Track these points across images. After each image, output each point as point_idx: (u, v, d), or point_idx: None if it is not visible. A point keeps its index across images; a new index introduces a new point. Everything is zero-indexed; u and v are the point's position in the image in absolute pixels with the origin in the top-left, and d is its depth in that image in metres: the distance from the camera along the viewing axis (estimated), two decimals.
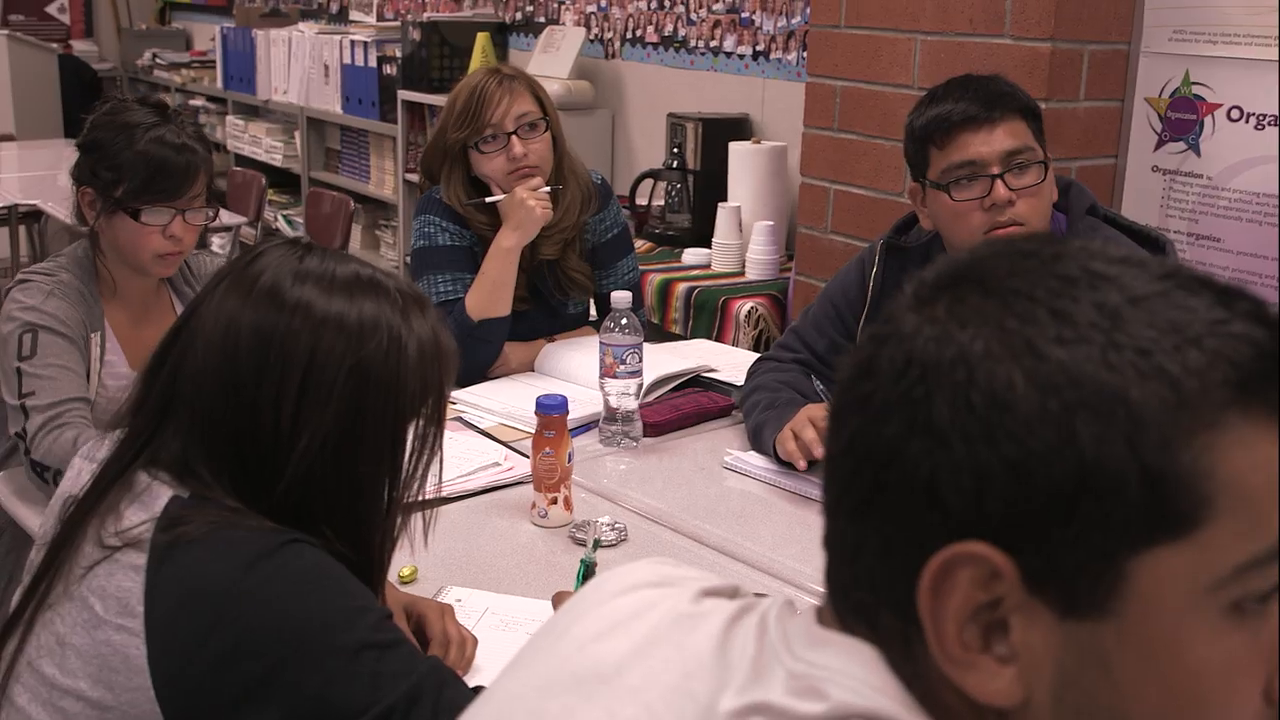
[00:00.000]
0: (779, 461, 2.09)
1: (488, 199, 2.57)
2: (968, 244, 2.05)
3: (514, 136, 2.52)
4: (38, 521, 1.94)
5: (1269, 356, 0.62)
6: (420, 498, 1.33)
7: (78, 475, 1.30)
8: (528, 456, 2.07)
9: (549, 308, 2.69)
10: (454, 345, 1.32)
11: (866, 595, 0.69)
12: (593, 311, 2.85)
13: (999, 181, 1.99)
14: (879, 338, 0.68)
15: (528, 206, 2.50)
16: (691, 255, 3.84)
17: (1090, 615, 0.62)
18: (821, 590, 0.74)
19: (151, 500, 1.19)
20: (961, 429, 0.62)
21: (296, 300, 1.21)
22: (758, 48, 4.09)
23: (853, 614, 0.70)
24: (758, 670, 0.69)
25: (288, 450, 1.19)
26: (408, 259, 2.85)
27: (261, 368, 1.19)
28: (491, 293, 2.52)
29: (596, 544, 1.80)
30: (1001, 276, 0.66)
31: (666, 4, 4.45)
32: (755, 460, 2.15)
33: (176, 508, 1.17)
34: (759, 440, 2.16)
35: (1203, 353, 0.61)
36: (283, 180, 6.42)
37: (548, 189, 2.56)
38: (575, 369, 2.53)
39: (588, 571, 1.66)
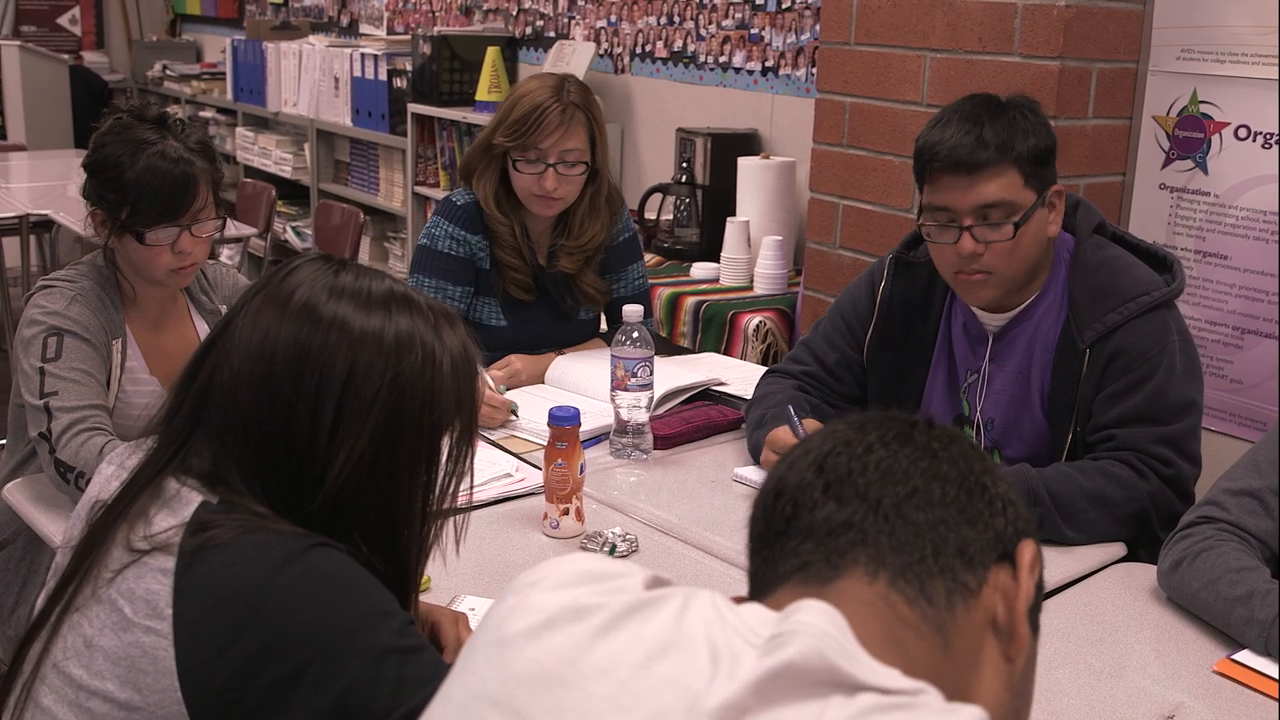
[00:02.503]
0: None
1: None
2: (945, 275, 2.08)
3: (552, 169, 2.55)
4: (53, 527, 1.97)
5: None
6: (453, 509, 1.34)
7: (106, 481, 1.31)
8: (539, 468, 2.09)
9: (559, 311, 2.72)
10: (480, 357, 1.34)
11: (926, 568, 0.84)
12: (603, 324, 2.87)
13: (967, 233, 2.00)
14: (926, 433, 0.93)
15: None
16: (700, 269, 3.85)
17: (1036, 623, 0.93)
18: None
19: (181, 506, 1.20)
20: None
21: (333, 316, 1.23)
22: (767, 64, 4.12)
23: (899, 583, 0.84)
24: (733, 656, 0.75)
25: (324, 464, 1.21)
26: None
27: (298, 383, 1.21)
28: None
29: (613, 551, 1.82)
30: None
31: (676, 19, 4.48)
32: (762, 476, 2.16)
33: (205, 513, 1.18)
34: (756, 455, 2.19)
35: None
36: (292, 192, 6.45)
37: (509, 396, 2.42)
38: (586, 381, 2.54)
39: None
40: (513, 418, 2.39)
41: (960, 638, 0.84)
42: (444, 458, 1.30)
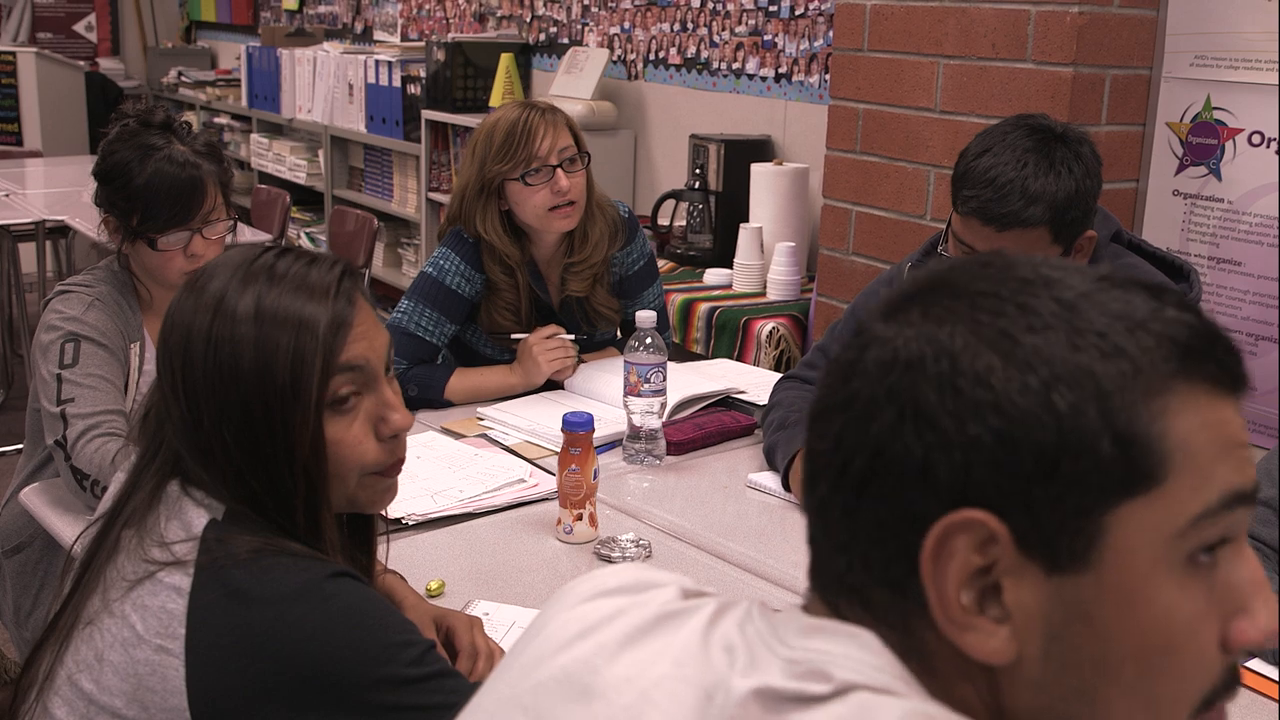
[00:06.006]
0: (788, 489, 2.11)
1: (513, 335, 2.59)
2: None
3: (559, 170, 2.49)
4: (70, 531, 1.97)
5: (1203, 335, 0.72)
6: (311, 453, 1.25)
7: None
8: (552, 474, 2.09)
9: (576, 340, 2.70)
10: (313, 312, 1.23)
11: (860, 578, 0.74)
12: (618, 334, 2.86)
13: None
14: (859, 345, 0.75)
15: (535, 362, 2.54)
16: (713, 275, 3.86)
17: (1072, 570, 0.70)
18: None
19: (187, 518, 1.20)
20: (950, 410, 0.70)
21: (189, 283, 1.26)
22: (780, 70, 4.12)
23: (846, 599, 0.75)
24: (751, 660, 0.73)
25: (193, 432, 1.21)
26: None
27: (161, 346, 1.25)
28: (474, 396, 2.56)
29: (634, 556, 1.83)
30: (966, 282, 0.75)
31: (689, 26, 4.49)
32: (776, 482, 2.16)
33: (218, 531, 1.18)
34: (770, 460, 2.19)
35: (1149, 334, 0.71)
36: (306, 198, 6.47)
37: (570, 337, 2.59)
38: (600, 388, 2.55)
39: None
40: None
41: (946, 657, 0.74)
42: (292, 416, 1.20)
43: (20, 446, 2.34)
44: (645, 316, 2.29)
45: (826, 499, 0.75)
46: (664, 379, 2.26)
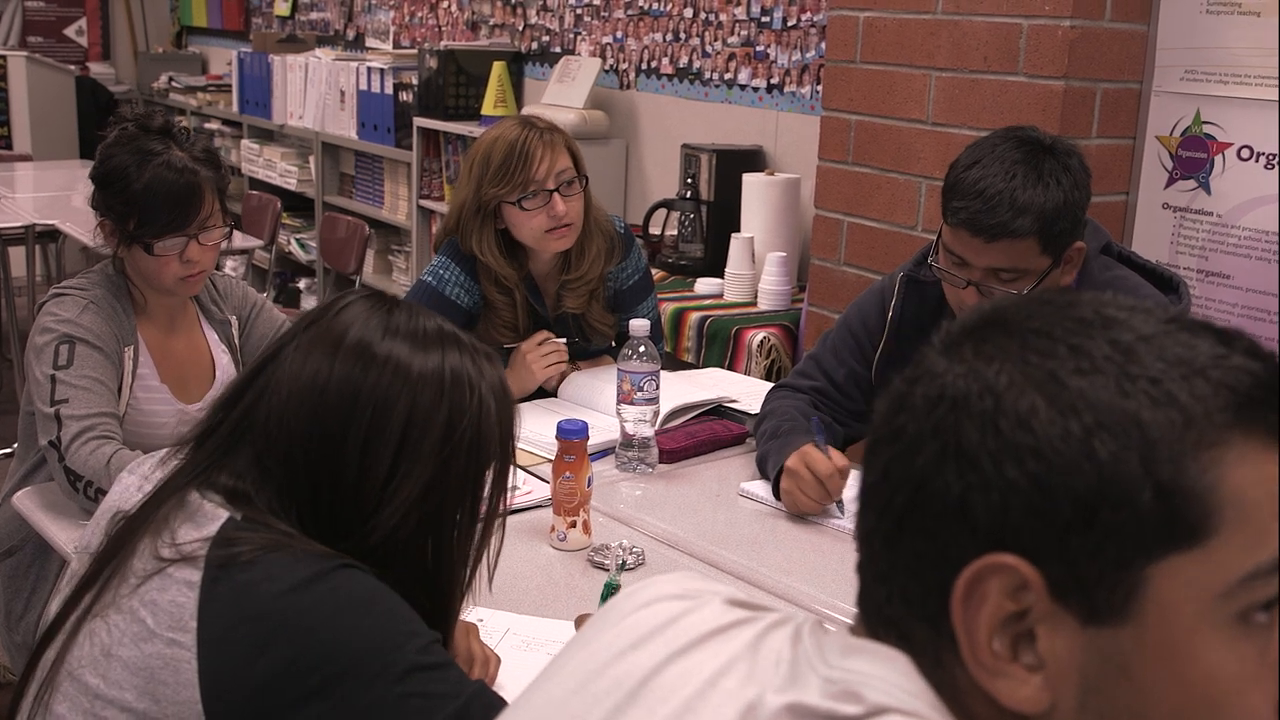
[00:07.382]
0: (779, 498, 2.12)
1: (505, 345, 2.60)
2: (950, 302, 2.11)
3: (556, 194, 2.48)
4: (62, 535, 1.98)
5: (1266, 386, 0.69)
6: (490, 541, 1.35)
7: (126, 490, 1.32)
8: (546, 481, 2.10)
9: (570, 346, 2.71)
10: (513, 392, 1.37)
11: (899, 610, 0.74)
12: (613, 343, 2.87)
13: (974, 287, 2.01)
14: (911, 378, 0.75)
15: (528, 369, 2.55)
16: (704, 285, 3.87)
17: (1110, 622, 0.68)
18: (834, 614, 0.79)
19: (204, 520, 1.21)
20: (990, 451, 0.68)
21: (388, 356, 1.24)
22: (772, 81, 4.14)
23: (885, 629, 0.75)
24: (793, 675, 0.73)
25: (375, 504, 1.22)
26: None
27: (349, 420, 1.22)
28: None
29: (622, 567, 1.83)
30: (1022, 320, 0.73)
31: (682, 36, 4.50)
32: (767, 490, 2.17)
33: (231, 529, 1.19)
34: (762, 469, 2.20)
35: (1207, 382, 0.67)
36: (297, 204, 6.47)
37: (563, 341, 2.59)
38: (594, 396, 2.56)
39: (611, 594, 1.69)
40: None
41: (979, 698, 0.73)
42: (484, 495, 1.31)
43: (8, 451, 2.34)
44: (639, 325, 2.29)
45: (873, 529, 0.75)
46: (657, 387, 2.26)
